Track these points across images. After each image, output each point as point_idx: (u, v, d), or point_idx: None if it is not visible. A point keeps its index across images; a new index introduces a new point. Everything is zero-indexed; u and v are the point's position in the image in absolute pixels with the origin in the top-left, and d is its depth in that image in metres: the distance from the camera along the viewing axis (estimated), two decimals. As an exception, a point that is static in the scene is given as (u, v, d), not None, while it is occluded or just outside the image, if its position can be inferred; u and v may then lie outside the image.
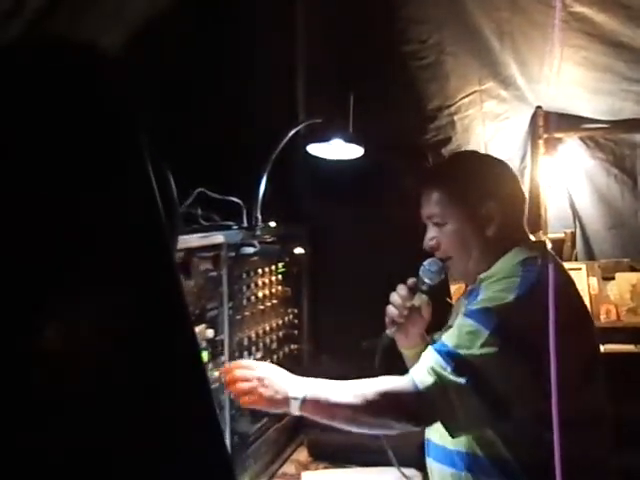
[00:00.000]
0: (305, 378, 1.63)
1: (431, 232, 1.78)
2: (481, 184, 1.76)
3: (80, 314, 0.76)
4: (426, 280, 1.78)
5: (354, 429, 1.60)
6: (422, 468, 1.89)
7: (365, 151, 2.13)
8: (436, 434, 1.72)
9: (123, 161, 0.81)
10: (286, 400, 1.57)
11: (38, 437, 0.74)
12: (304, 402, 1.56)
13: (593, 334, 1.73)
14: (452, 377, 1.52)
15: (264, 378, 1.60)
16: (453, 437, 1.60)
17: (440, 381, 1.52)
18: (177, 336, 0.83)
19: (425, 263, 1.78)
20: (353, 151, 2.04)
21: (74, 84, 0.80)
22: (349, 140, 1.97)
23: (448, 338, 1.59)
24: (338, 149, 2.02)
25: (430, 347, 1.61)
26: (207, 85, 2.23)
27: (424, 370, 1.56)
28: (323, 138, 1.98)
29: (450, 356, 1.54)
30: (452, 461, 1.67)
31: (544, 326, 1.50)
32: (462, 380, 1.51)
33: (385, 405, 1.55)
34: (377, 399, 1.55)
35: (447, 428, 1.57)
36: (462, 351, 1.53)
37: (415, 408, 1.56)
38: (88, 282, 0.77)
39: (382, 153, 2.56)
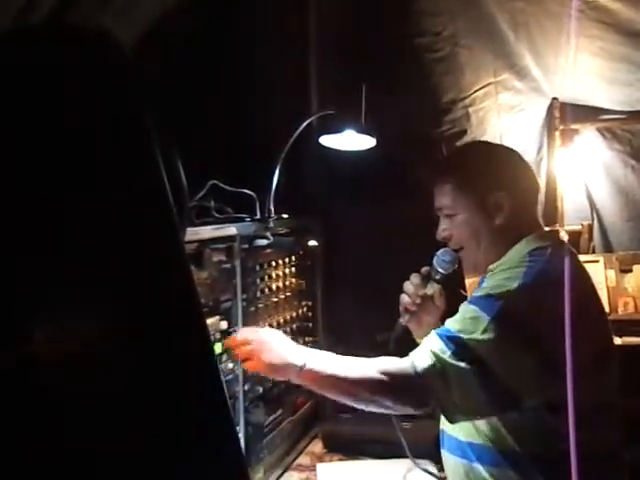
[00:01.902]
0: (307, 348, 1.70)
1: (443, 224, 1.81)
2: (489, 174, 1.77)
3: (89, 313, 0.76)
4: (439, 269, 1.82)
5: (349, 402, 1.62)
6: (438, 461, 1.89)
7: (379, 143, 2.13)
8: (449, 425, 1.72)
9: (131, 151, 0.81)
10: (286, 366, 1.60)
11: (42, 438, 0.74)
12: (303, 370, 1.59)
13: (603, 325, 1.72)
14: (451, 360, 1.53)
15: (265, 342, 1.64)
16: (452, 423, 1.63)
17: (439, 364, 1.53)
18: (189, 332, 0.83)
19: (438, 253, 1.82)
20: (365, 142, 2.04)
21: (80, 74, 0.80)
22: (361, 131, 1.97)
23: (450, 323, 1.60)
24: (350, 140, 2.02)
25: (432, 331, 1.62)
26: (220, 78, 2.24)
27: (424, 352, 1.57)
28: (335, 129, 1.98)
29: (451, 340, 1.55)
30: (463, 452, 1.68)
31: (548, 315, 1.52)
32: (462, 364, 1.52)
33: (383, 384, 1.56)
34: (375, 377, 1.56)
35: (444, 412, 1.59)
36: (463, 335, 1.54)
37: (412, 390, 1.57)
38: (96, 279, 0.76)
39: (396, 145, 2.56)
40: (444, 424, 1.76)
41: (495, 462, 1.62)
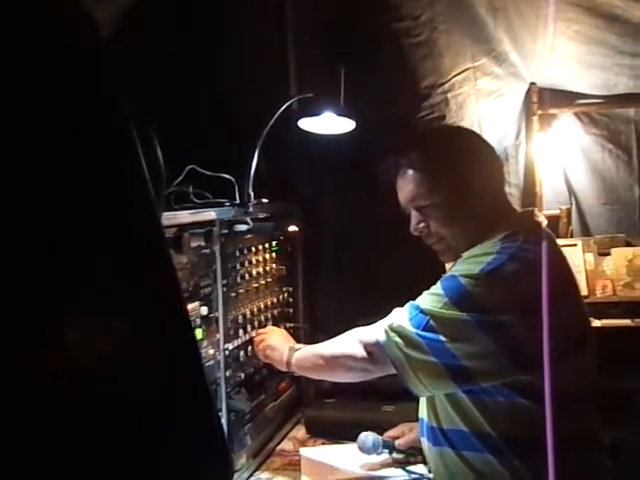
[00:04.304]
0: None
1: (417, 217, 1.76)
2: (463, 155, 1.74)
3: (68, 310, 0.74)
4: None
5: (338, 375, 1.84)
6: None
7: (361, 128, 2.12)
8: (426, 412, 1.74)
9: (107, 131, 0.78)
10: (285, 349, 1.92)
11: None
12: (297, 352, 1.89)
13: (580, 309, 1.73)
14: (405, 325, 1.62)
15: (272, 335, 2.04)
16: (418, 395, 1.70)
17: (394, 327, 1.64)
18: (172, 322, 0.81)
19: (361, 436, 1.99)
20: (344, 125, 2.03)
21: (45, 39, 0.76)
22: (340, 114, 1.96)
23: (420, 297, 1.67)
24: (329, 123, 2.01)
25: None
26: (197, 62, 2.21)
27: (386, 319, 1.70)
28: (314, 112, 1.97)
29: (412, 307, 1.65)
30: (440, 439, 1.69)
31: (510, 301, 1.53)
32: (412, 329, 1.60)
33: (351, 346, 1.74)
34: (353, 344, 1.74)
35: (405, 382, 1.64)
36: (423, 306, 1.62)
37: (371, 350, 1.70)
38: (78, 269, 0.74)
39: (379, 130, 2.55)
40: (422, 411, 1.77)
41: (471, 447, 1.63)
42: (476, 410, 1.62)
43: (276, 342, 2.00)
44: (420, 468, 1.94)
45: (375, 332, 1.70)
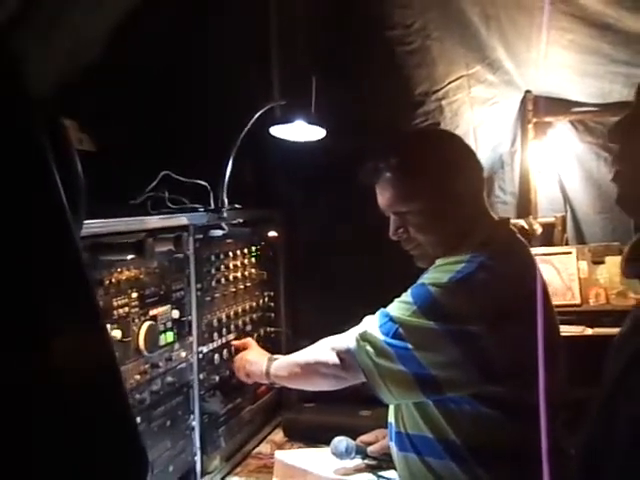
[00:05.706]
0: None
1: (395, 222, 1.77)
2: (441, 161, 1.73)
3: None
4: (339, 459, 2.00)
5: (315, 383, 1.85)
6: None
7: (345, 135, 2.13)
8: (393, 417, 1.75)
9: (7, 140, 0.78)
10: (264, 361, 1.94)
11: None
12: (275, 362, 1.91)
13: (548, 317, 1.72)
14: (375, 333, 1.63)
15: (249, 350, 2.07)
16: (387, 402, 1.70)
17: (364, 334, 1.66)
18: (84, 330, 0.81)
19: (334, 441, 2.00)
20: (315, 133, 2.04)
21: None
22: (311, 122, 1.97)
23: (391, 304, 1.68)
24: (301, 131, 2.02)
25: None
26: (176, 67, 2.24)
27: (359, 327, 1.72)
28: (286, 119, 1.99)
29: (382, 314, 1.67)
30: (406, 445, 1.70)
31: (476, 311, 1.53)
32: (382, 337, 1.62)
33: (324, 353, 1.76)
34: (327, 353, 1.76)
35: (374, 389, 1.64)
36: (392, 313, 1.64)
37: (343, 357, 1.72)
38: None
39: (364, 137, 2.56)
40: (390, 417, 1.79)
41: (435, 454, 1.63)
42: (441, 417, 1.63)
43: (253, 357, 2.03)
44: (392, 474, 1.95)
45: (347, 339, 1.71)
